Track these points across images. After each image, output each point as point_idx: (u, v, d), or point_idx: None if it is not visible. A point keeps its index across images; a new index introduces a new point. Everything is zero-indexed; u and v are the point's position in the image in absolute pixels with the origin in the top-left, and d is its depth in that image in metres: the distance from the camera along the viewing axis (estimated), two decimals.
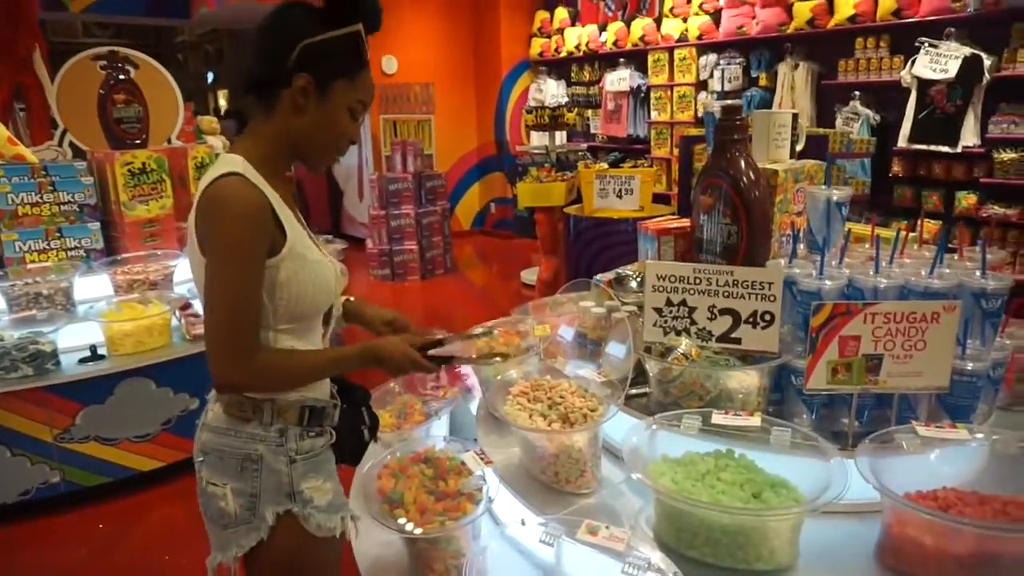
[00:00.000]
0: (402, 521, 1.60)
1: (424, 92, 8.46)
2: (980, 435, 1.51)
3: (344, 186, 9.58)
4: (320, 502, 1.37)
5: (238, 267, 1.23)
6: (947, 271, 1.71)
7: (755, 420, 1.56)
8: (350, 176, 9.30)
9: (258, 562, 1.39)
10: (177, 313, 3.56)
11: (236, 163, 1.27)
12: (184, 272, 3.82)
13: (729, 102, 2.10)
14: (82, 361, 3.24)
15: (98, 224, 3.71)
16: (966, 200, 5.45)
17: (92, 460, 3.22)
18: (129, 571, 2.81)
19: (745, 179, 1.88)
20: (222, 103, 14.39)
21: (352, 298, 1.67)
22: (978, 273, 1.68)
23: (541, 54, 9.31)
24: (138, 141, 3.97)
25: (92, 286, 3.56)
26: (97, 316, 3.29)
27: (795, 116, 2.20)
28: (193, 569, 1.39)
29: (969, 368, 1.61)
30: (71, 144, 4.08)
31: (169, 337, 3.46)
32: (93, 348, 3.28)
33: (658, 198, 6.12)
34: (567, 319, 2.29)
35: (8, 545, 2.98)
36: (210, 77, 14.50)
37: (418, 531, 1.58)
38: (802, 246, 1.96)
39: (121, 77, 3.94)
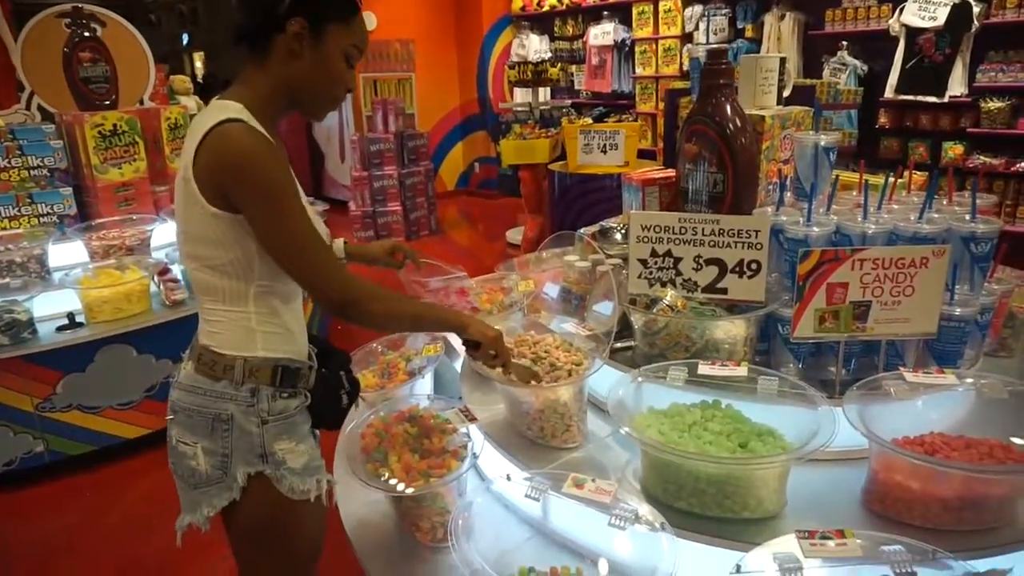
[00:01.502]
0: (387, 480, 1.58)
1: (404, 49, 8.27)
2: (968, 380, 1.50)
3: (325, 148, 9.42)
4: (293, 464, 1.34)
5: (292, 204, 1.23)
6: (936, 216, 1.69)
7: (741, 370, 1.54)
8: (331, 137, 9.14)
9: (234, 524, 1.37)
10: (156, 279, 3.49)
11: (235, 110, 1.22)
12: (162, 236, 3.74)
13: (715, 46, 2.03)
14: (60, 329, 3.18)
15: (70, 189, 3.60)
16: (953, 151, 5.43)
17: (76, 429, 3.18)
18: (119, 537, 2.80)
19: (731, 126, 1.83)
20: (198, 65, 14.02)
21: (346, 241, 1.72)
22: (968, 217, 1.65)
23: (523, 8, 9.10)
24: (107, 102, 3.84)
25: (67, 253, 3.48)
26: (73, 283, 3.22)
27: (782, 61, 2.14)
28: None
29: (957, 313, 1.60)
30: (39, 107, 3.94)
31: (148, 303, 3.40)
32: (71, 316, 3.21)
33: (643, 154, 6.05)
34: (551, 275, 2.26)
35: None
36: (185, 39, 14.09)
37: (403, 489, 1.56)
38: (789, 194, 1.92)
39: (86, 35, 3.79)
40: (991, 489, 1.30)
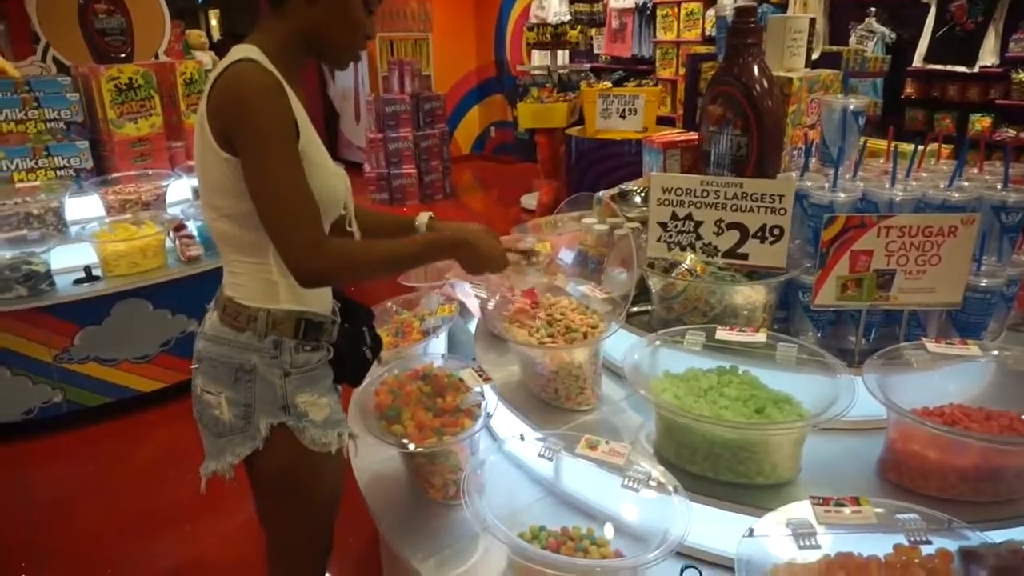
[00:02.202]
0: (400, 436, 1.59)
1: (421, 8, 8.13)
2: (994, 352, 1.48)
3: (340, 108, 9.34)
4: (315, 417, 1.34)
5: (279, 148, 1.16)
6: (966, 184, 1.64)
7: (760, 336, 1.52)
8: (346, 98, 9.06)
9: (257, 473, 1.39)
10: (171, 234, 3.50)
11: (251, 51, 1.20)
12: (177, 192, 3.74)
13: (744, 3, 1.97)
14: (77, 282, 3.20)
15: (87, 143, 3.59)
16: (980, 123, 5.30)
17: (93, 380, 3.23)
18: (135, 486, 2.86)
19: (758, 87, 1.78)
20: (213, 24, 13.87)
21: (433, 215, 1.63)
22: (999, 186, 1.60)
23: None
24: (123, 55, 3.81)
25: (83, 207, 3.48)
26: (90, 236, 3.23)
27: (812, 21, 2.07)
28: (196, 483, 1.38)
29: (983, 284, 1.57)
30: (55, 60, 3.92)
31: (164, 259, 3.41)
32: (88, 269, 3.23)
33: (662, 120, 5.95)
34: (567, 239, 2.23)
35: (15, 461, 3.02)
36: None
37: (415, 447, 1.56)
38: (814, 160, 1.88)
39: None
40: (1009, 461, 1.29)
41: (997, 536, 1.17)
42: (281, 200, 1.17)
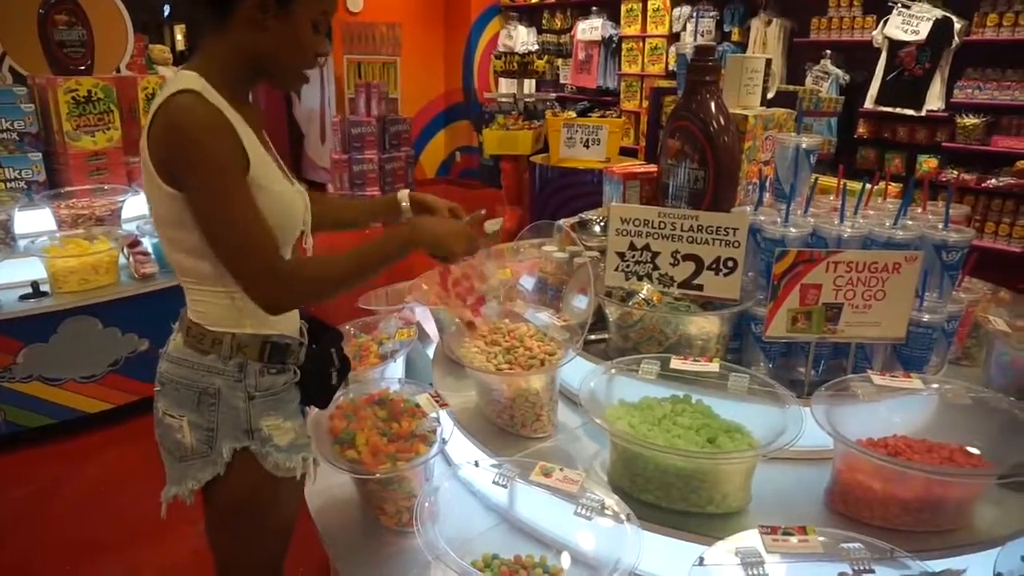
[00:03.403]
0: (353, 462, 1.57)
1: (390, 32, 8.18)
2: (934, 385, 1.53)
3: (305, 128, 9.28)
4: (279, 441, 1.32)
5: (228, 183, 1.14)
6: (910, 223, 1.71)
7: (713, 366, 1.55)
8: (312, 118, 9.01)
9: (214, 498, 1.35)
10: (125, 250, 3.42)
11: (192, 81, 1.16)
12: (133, 208, 3.66)
13: (703, 43, 2.04)
14: (23, 298, 3.09)
15: (40, 155, 3.50)
16: (927, 164, 5.52)
17: (36, 400, 3.10)
18: (76, 511, 2.75)
19: (715, 123, 1.83)
20: (179, 38, 13.73)
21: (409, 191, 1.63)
22: (940, 226, 1.67)
23: None
24: (82, 67, 3.74)
25: (34, 220, 3.38)
26: (39, 251, 3.13)
27: (768, 62, 2.15)
28: (142, 510, 1.34)
29: (925, 320, 1.62)
30: (11, 69, 3.83)
31: (117, 275, 3.32)
32: (35, 284, 3.13)
33: (625, 151, 6.07)
34: (528, 265, 2.25)
35: None
36: (166, 10, 13.79)
37: (369, 472, 1.54)
38: (768, 195, 1.94)
39: None
40: (950, 492, 1.33)
41: (937, 565, 1.21)
42: (235, 234, 1.16)
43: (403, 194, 1.62)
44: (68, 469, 3.03)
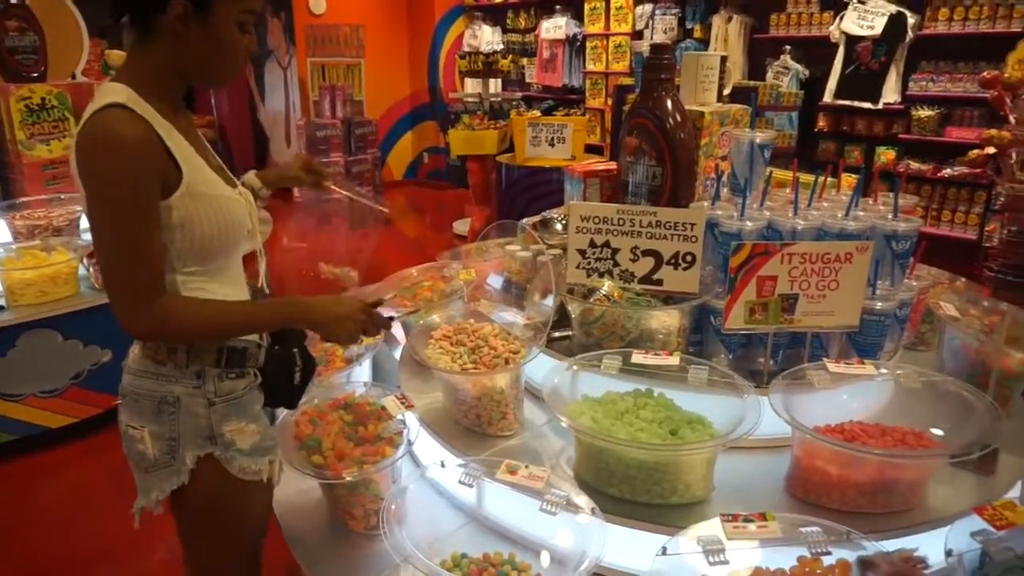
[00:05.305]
0: (319, 467, 1.56)
1: (354, 34, 8.12)
2: (885, 371, 1.57)
3: (270, 131, 9.18)
4: (243, 445, 1.32)
5: (121, 206, 1.13)
6: (861, 214, 1.75)
7: (673, 359, 1.57)
8: (277, 121, 8.92)
9: (182, 507, 1.34)
10: (85, 261, 3.35)
11: (119, 93, 1.15)
12: None
13: (658, 41, 2.06)
14: None
15: None
16: (885, 155, 5.65)
17: None
18: (38, 529, 2.69)
19: (671, 120, 1.86)
20: None
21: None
22: (890, 216, 1.72)
23: None
24: (35, 74, 3.66)
25: None
26: None
27: (723, 59, 2.19)
28: (109, 525, 1.32)
29: (878, 308, 1.66)
30: None
31: (76, 287, 3.26)
32: None
33: (592, 149, 6.10)
34: (494, 264, 2.26)
35: None
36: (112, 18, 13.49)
37: (336, 476, 1.54)
38: (725, 190, 1.97)
39: (13, 2, 3.60)
40: (902, 474, 1.37)
41: (891, 545, 1.24)
42: (116, 255, 1.16)
43: (250, 178, 1.64)
44: (31, 486, 2.96)
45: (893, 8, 5.31)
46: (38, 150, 3.49)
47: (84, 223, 3.52)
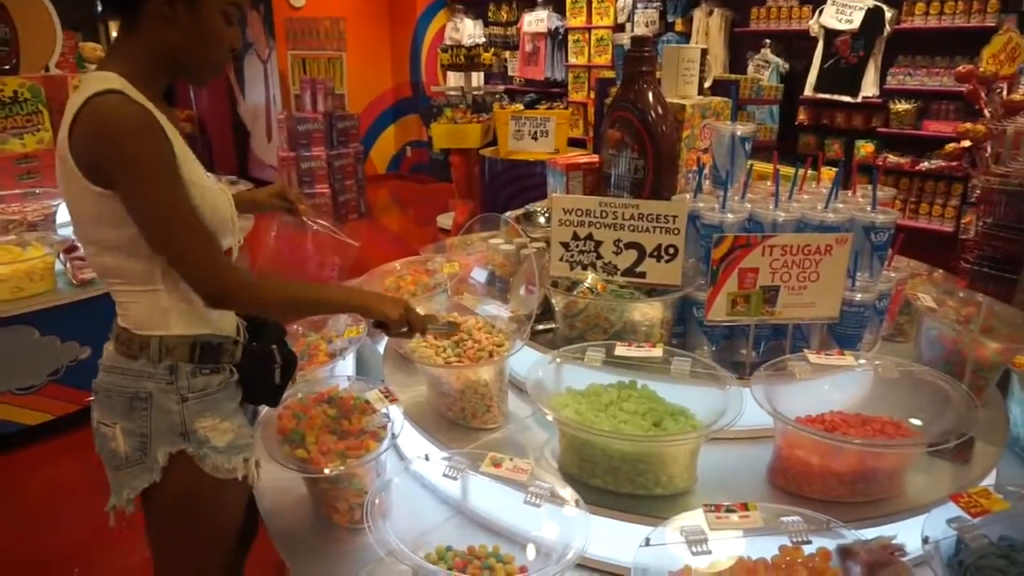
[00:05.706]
0: (303, 461, 1.55)
1: (334, 27, 8.03)
2: (863, 361, 1.59)
3: (251, 126, 9.09)
4: (217, 442, 1.30)
5: (165, 180, 1.15)
6: (840, 206, 1.77)
7: (656, 351, 1.58)
8: (257, 115, 8.83)
9: (153, 505, 1.32)
10: (62, 256, 3.30)
11: (112, 80, 1.14)
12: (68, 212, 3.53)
13: (639, 34, 2.07)
14: None
15: None
16: (864, 148, 5.71)
17: None
18: (15, 527, 2.65)
19: (653, 113, 1.86)
20: (114, 34, 13.27)
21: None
22: (868, 208, 1.74)
23: None
24: (7, 67, 3.59)
25: None
26: None
27: (704, 52, 2.19)
28: (86, 523, 1.31)
29: (858, 299, 1.68)
30: None
31: (53, 282, 3.21)
32: None
33: (575, 142, 6.11)
34: (478, 258, 2.25)
35: None
36: (99, 6, 13.29)
37: (320, 470, 1.53)
38: (707, 182, 1.98)
39: None
40: (881, 463, 1.39)
41: (870, 533, 1.26)
42: (179, 229, 1.17)
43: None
44: (7, 484, 2.92)
45: (870, 2, 5.36)
46: (11, 144, 3.43)
47: (60, 217, 3.47)
